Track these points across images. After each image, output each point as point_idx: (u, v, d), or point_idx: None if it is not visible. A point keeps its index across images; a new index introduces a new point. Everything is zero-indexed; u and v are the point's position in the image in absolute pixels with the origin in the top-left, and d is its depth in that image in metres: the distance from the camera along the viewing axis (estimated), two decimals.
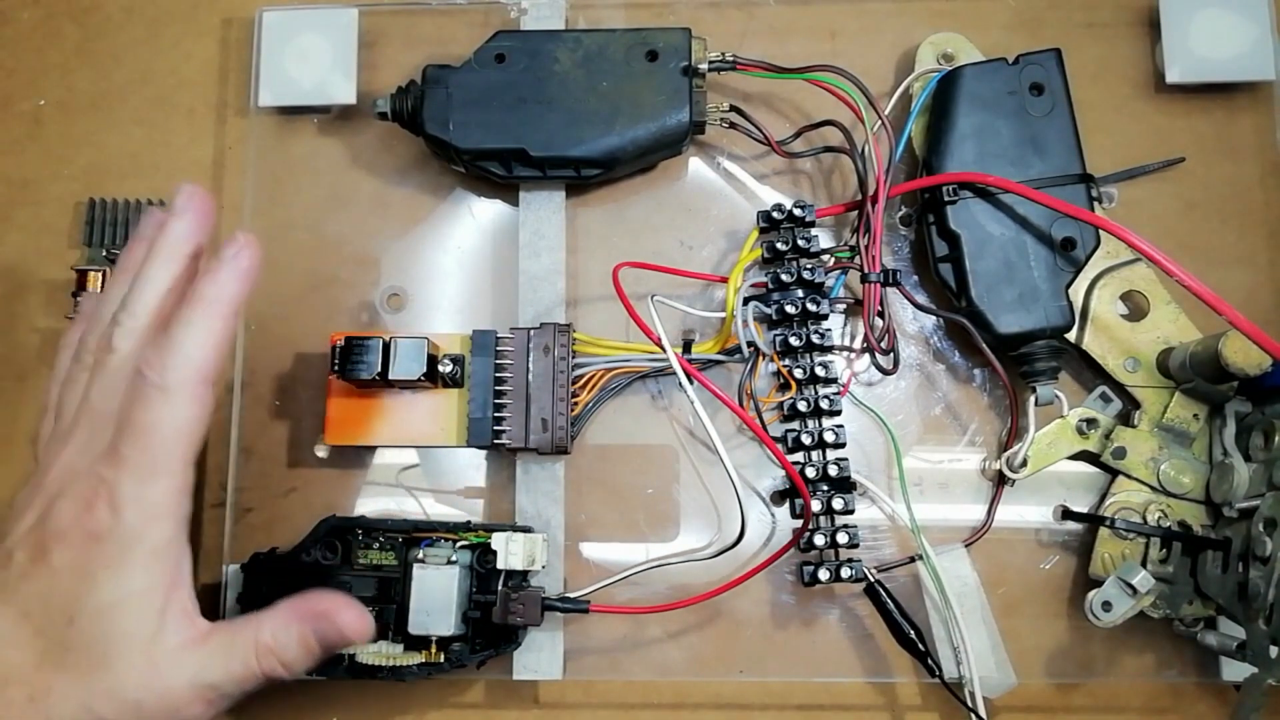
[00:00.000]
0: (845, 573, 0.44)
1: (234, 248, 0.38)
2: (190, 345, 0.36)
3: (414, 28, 0.52)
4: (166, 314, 0.38)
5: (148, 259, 0.38)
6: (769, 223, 0.46)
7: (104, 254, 0.50)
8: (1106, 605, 0.42)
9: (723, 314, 0.45)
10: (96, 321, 0.40)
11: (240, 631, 0.38)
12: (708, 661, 0.47)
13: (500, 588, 0.43)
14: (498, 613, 0.43)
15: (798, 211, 0.45)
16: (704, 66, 0.47)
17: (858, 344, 0.48)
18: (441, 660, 0.43)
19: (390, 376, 0.44)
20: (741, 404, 0.44)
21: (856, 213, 0.47)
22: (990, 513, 0.47)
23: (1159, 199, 0.49)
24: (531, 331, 0.46)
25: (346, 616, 0.38)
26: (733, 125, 0.48)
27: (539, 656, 0.45)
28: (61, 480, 0.36)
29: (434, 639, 0.43)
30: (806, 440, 0.45)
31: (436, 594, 0.43)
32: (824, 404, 0.45)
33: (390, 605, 0.43)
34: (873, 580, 0.44)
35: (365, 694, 0.47)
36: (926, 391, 0.49)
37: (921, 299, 0.48)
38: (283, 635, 0.37)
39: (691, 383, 0.43)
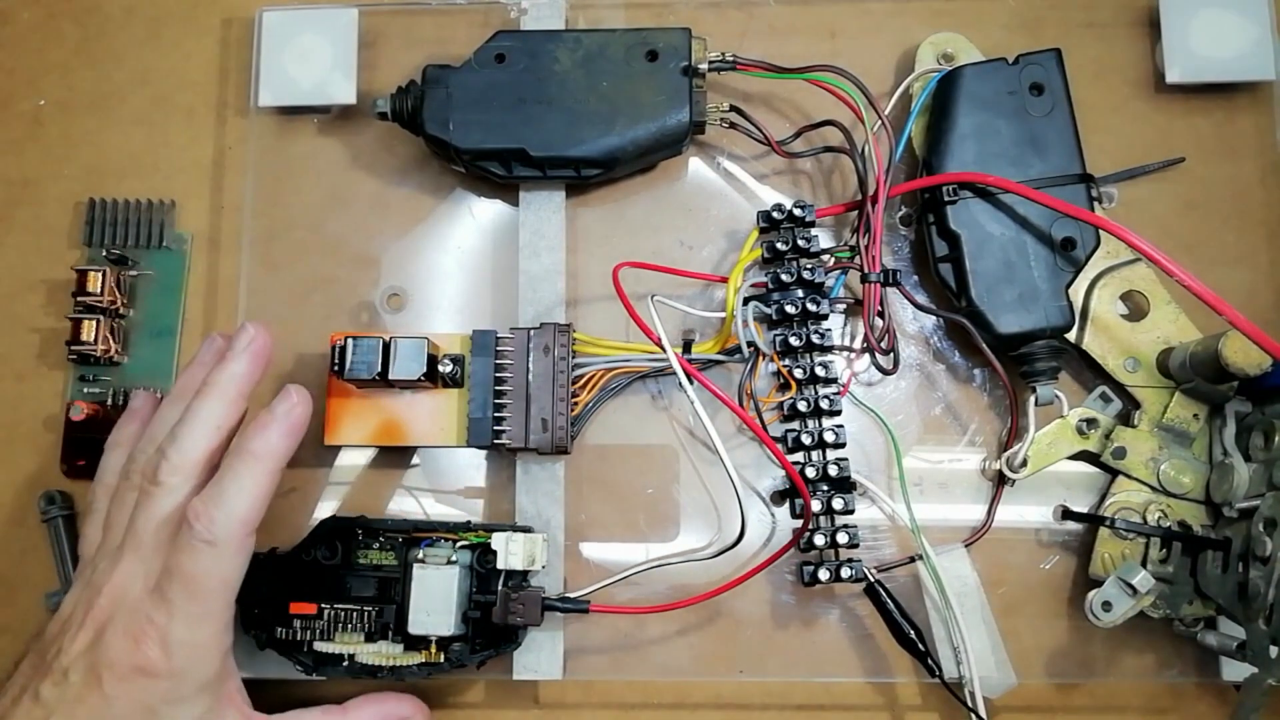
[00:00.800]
0: (845, 573, 0.44)
1: (286, 403, 0.40)
2: (237, 501, 0.38)
3: (414, 28, 0.52)
4: (214, 452, 0.40)
5: (200, 394, 0.41)
6: (769, 223, 0.46)
7: (104, 254, 0.50)
8: (1106, 605, 0.42)
9: (723, 314, 0.45)
10: (148, 441, 0.42)
11: None
12: (708, 661, 0.47)
13: (500, 588, 0.43)
14: (498, 613, 0.43)
15: (798, 211, 0.45)
16: (704, 66, 0.47)
17: (858, 344, 0.48)
18: (441, 660, 0.43)
19: (390, 376, 0.44)
20: (741, 404, 0.44)
21: (856, 213, 0.47)
22: (990, 513, 0.47)
23: (1159, 199, 0.49)
24: (531, 331, 0.46)
25: None
26: (733, 125, 0.48)
27: (539, 656, 0.45)
28: (112, 607, 0.38)
29: (434, 639, 0.43)
30: (806, 440, 0.45)
31: (436, 594, 0.43)
32: (824, 404, 0.45)
33: (390, 605, 0.43)
34: (873, 580, 0.44)
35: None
36: (926, 391, 0.49)
37: (921, 299, 0.48)
38: None
39: (691, 383, 0.43)
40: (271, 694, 0.47)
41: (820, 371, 0.45)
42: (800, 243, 0.45)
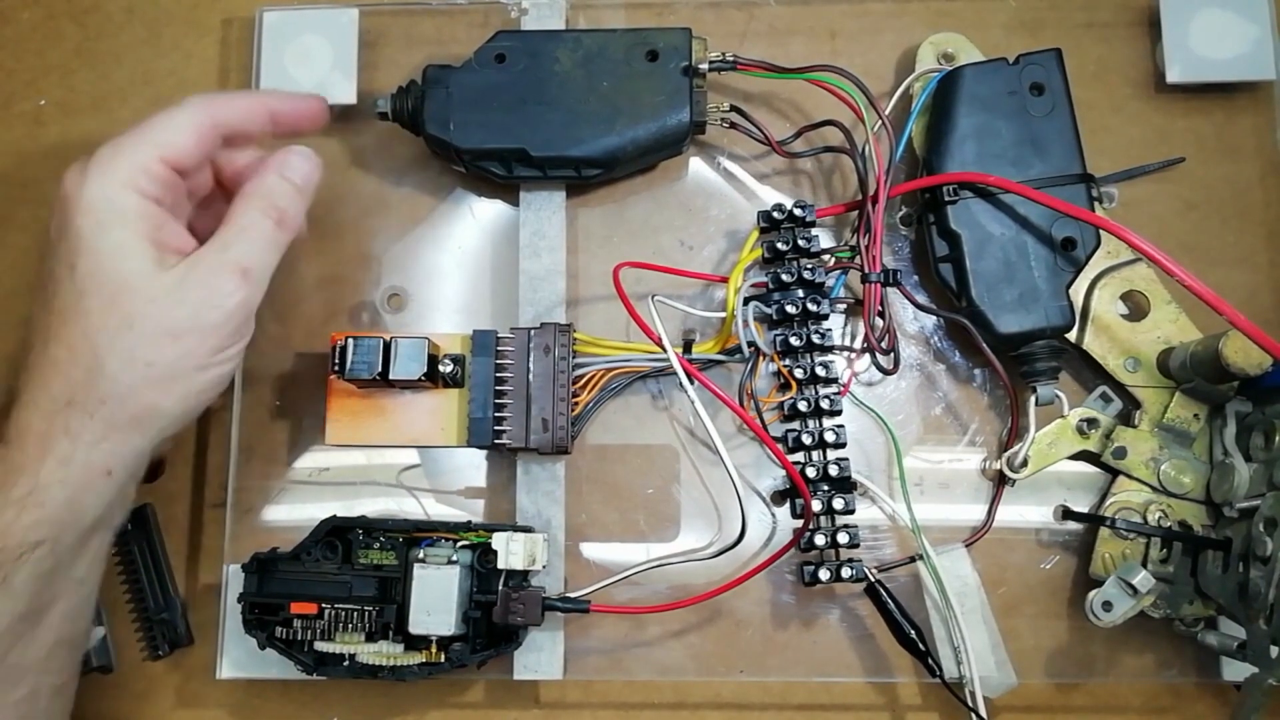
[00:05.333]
0: (845, 572, 0.44)
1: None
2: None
3: (414, 28, 0.52)
4: None
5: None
6: (769, 223, 0.46)
7: None
8: (1107, 605, 0.42)
9: (723, 314, 0.45)
10: None
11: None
12: (708, 661, 0.47)
13: (500, 588, 0.43)
14: (498, 613, 0.43)
15: (798, 211, 0.45)
16: (704, 66, 0.47)
17: (858, 344, 0.48)
18: (442, 660, 0.43)
19: (390, 376, 0.44)
20: (742, 404, 0.44)
21: (857, 213, 0.47)
22: (990, 513, 0.47)
23: (1159, 199, 0.49)
24: (532, 331, 0.46)
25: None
26: (733, 125, 0.48)
27: (539, 656, 0.45)
28: None
29: (434, 639, 0.43)
30: (807, 440, 0.45)
31: (437, 594, 0.43)
32: (824, 404, 0.45)
33: (391, 605, 0.43)
34: (873, 580, 0.44)
35: (365, 694, 0.47)
36: (927, 391, 0.49)
37: (922, 299, 0.48)
38: None
39: (692, 383, 0.43)
40: (271, 693, 0.47)
41: (820, 371, 0.45)
42: (800, 243, 0.45)
